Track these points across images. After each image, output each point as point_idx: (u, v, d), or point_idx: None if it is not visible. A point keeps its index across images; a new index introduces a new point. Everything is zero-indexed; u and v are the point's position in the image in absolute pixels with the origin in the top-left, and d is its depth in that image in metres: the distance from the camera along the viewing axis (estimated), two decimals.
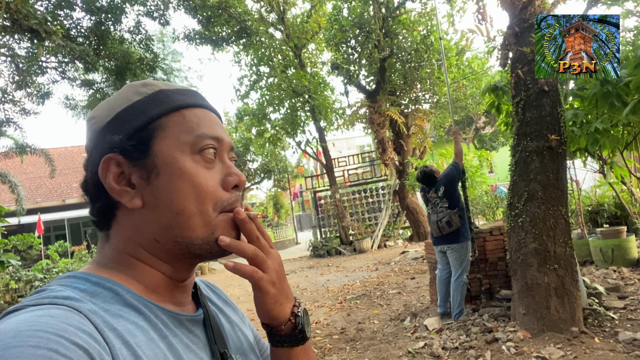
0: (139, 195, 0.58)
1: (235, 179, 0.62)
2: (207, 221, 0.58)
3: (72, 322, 0.45)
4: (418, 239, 13.90)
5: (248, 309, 7.63)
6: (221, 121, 0.67)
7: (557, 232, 3.99)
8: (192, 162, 0.59)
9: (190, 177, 0.58)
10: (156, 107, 0.60)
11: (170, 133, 0.59)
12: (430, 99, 14.66)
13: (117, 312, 0.51)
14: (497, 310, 4.53)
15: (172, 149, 0.59)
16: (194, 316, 0.62)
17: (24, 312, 0.46)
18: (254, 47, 14.47)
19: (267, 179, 25.87)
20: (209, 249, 0.59)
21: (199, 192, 0.58)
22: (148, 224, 0.58)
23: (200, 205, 0.58)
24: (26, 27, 6.90)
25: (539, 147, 4.14)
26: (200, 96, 0.66)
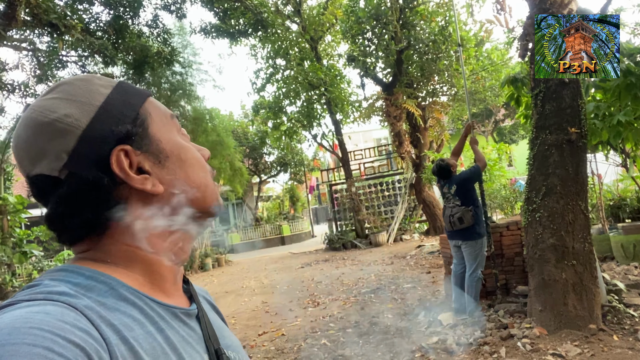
0: (157, 180, 0.59)
1: (206, 151, 0.68)
2: (214, 189, 0.65)
3: (67, 319, 0.44)
4: (434, 233, 13.79)
5: (263, 301, 7.69)
6: None
7: (575, 228, 3.90)
8: (184, 141, 0.64)
9: (192, 152, 0.64)
10: (134, 96, 0.62)
11: (155, 118, 0.62)
12: (448, 91, 14.46)
13: (113, 306, 0.51)
14: (513, 306, 4.46)
15: (164, 132, 0.62)
16: (188, 310, 0.61)
17: (18, 307, 0.45)
18: (270, 39, 14.46)
19: (284, 172, 25.96)
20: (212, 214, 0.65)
21: (202, 164, 0.65)
22: (168, 206, 0.59)
23: (207, 175, 0.65)
24: (46, 22, 7.01)
25: (558, 141, 4.05)
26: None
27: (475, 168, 4.72)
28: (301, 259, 13.92)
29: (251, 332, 5.76)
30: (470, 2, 13.04)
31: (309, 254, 14.97)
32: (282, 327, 5.74)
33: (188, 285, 0.69)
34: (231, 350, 0.66)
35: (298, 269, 11.58)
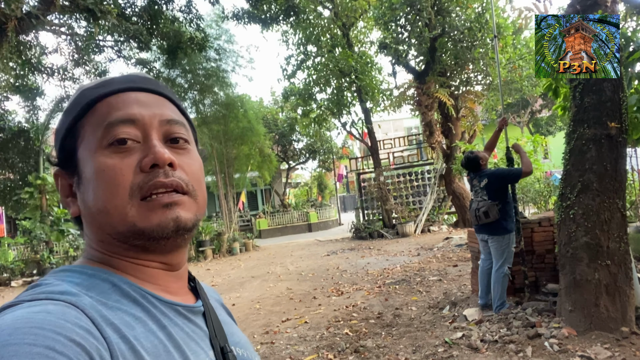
0: (76, 203, 0.59)
1: (150, 158, 0.56)
2: (123, 215, 0.55)
3: (68, 318, 0.44)
4: (463, 225, 13.56)
5: (288, 288, 7.77)
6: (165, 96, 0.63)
7: (611, 226, 3.74)
8: (103, 157, 0.56)
9: (100, 173, 0.55)
10: (73, 111, 0.59)
11: (86, 134, 0.58)
12: (483, 81, 14.05)
13: (114, 305, 0.51)
14: (542, 304, 4.34)
15: (87, 149, 0.57)
16: (192, 306, 0.61)
17: (20, 308, 0.45)
18: (301, 26, 14.37)
19: (312, 159, 26.01)
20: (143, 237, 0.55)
21: (110, 186, 0.55)
22: (88, 228, 0.59)
23: (114, 200, 0.55)
24: (83, 7, 7.16)
25: (597, 135, 3.86)
26: (127, 79, 0.62)
27: (517, 170, 4.54)
28: (327, 246, 13.97)
29: (275, 318, 5.83)
30: None
31: (335, 242, 15.01)
32: (306, 314, 5.78)
33: (194, 283, 0.68)
34: (239, 347, 0.66)
35: (324, 256, 11.62)
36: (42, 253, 13.83)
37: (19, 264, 13.69)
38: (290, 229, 22.65)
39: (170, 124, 0.60)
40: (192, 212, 0.58)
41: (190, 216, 0.57)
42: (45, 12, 7.16)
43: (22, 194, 13.65)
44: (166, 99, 0.63)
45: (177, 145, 0.60)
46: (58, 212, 14.54)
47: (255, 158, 17.34)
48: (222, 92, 15.95)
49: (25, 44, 10.38)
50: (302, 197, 28.70)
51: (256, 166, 17.92)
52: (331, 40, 15.04)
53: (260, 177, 18.76)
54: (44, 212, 14.07)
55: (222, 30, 15.50)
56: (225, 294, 7.99)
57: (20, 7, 6.41)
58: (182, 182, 0.57)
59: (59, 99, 13.85)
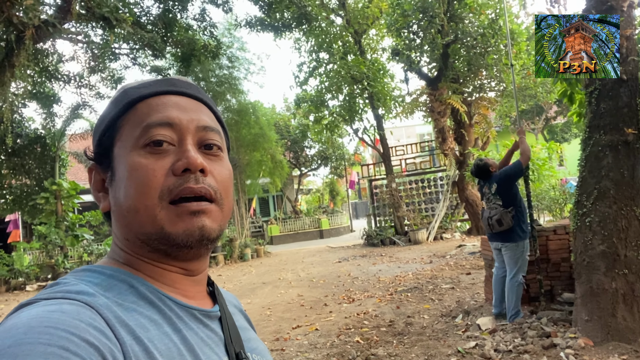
0: (107, 199, 0.60)
1: (183, 162, 0.56)
2: (153, 215, 0.55)
3: (83, 318, 0.44)
4: (476, 233, 13.41)
5: (299, 294, 7.74)
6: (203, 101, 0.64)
7: (629, 235, 3.66)
8: (138, 157, 0.56)
9: (134, 172, 0.56)
10: (114, 109, 0.61)
11: (124, 132, 0.59)
12: (497, 87, 13.94)
13: (130, 306, 0.51)
14: (558, 314, 4.25)
15: (123, 147, 0.58)
16: (209, 311, 0.60)
17: (36, 306, 0.46)
18: (314, 33, 14.43)
19: (324, 166, 26.00)
20: (167, 243, 0.56)
21: (141, 186, 0.55)
22: (116, 225, 0.60)
23: (144, 199, 0.55)
24: (99, 15, 7.28)
25: (613, 142, 3.80)
26: (169, 81, 0.63)
27: (517, 163, 4.50)
28: (339, 253, 13.92)
29: (285, 324, 5.80)
30: None
31: (346, 249, 14.95)
32: (316, 321, 5.75)
33: (213, 288, 0.68)
34: (255, 354, 0.65)
35: (335, 263, 11.58)
36: (56, 258, 13.99)
37: (34, 269, 13.87)
38: (301, 235, 22.63)
39: (206, 130, 0.61)
40: (218, 222, 0.59)
41: (215, 226, 0.58)
42: (62, 20, 7.29)
43: (38, 199, 13.85)
44: (204, 104, 0.64)
45: (211, 151, 0.61)
46: (73, 217, 14.73)
47: (267, 164, 17.39)
48: (234, 98, 16.07)
49: (43, 52, 10.58)
50: (314, 204, 28.70)
51: (268, 172, 17.96)
52: (343, 47, 15.08)
53: (272, 183, 18.79)
54: (59, 218, 14.26)
55: (235, 38, 15.65)
56: None
57: (37, 15, 6.54)
58: (211, 189, 0.58)
59: (75, 105, 14.06)
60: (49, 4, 8.42)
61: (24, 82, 11.32)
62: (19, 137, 14.05)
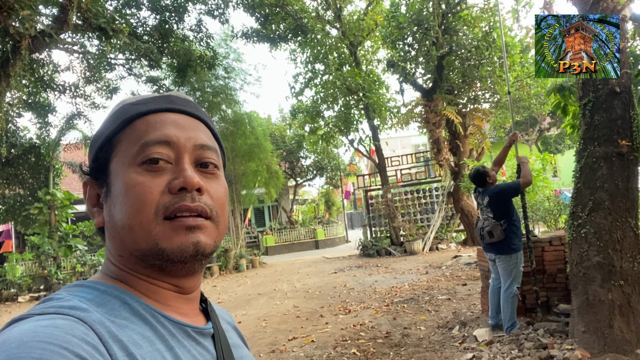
0: (101, 214, 0.60)
1: (180, 181, 0.56)
2: (147, 231, 0.55)
3: (76, 333, 0.44)
4: (472, 243, 13.42)
5: (294, 305, 7.69)
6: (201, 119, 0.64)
7: (624, 246, 3.67)
8: (134, 174, 0.57)
9: (130, 189, 0.56)
10: (112, 124, 0.61)
11: (122, 148, 0.59)
12: (491, 98, 14.06)
13: (123, 322, 0.51)
14: (554, 325, 4.24)
15: (120, 164, 0.58)
16: (202, 328, 0.60)
17: (29, 321, 0.46)
18: (309, 44, 14.53)
19: (320, 176, 26.02)
20: (161, 258, 0.56)
21: (137, 202, 0.55)
22: (110, 241, 0.59)
23: (140, 216, 0.55)
24: (95, 26, 7.31)
25: (608, 153, 3.83)
26: (167, 99, 0.63)
27: (515, 183, 4.51)
28: (334, 264, 13.87)
29: (281, 336, 5.76)
30: (517, 8, 12.64)
31: (342, 259, 14.90)
32: (312, 333, 5.71)
33: (206, 304, 0.68)
34: None
35: (331, 274, 11.53)
36: (49, 269, 13.85)
37: (26, 280, 13.72)
38: (297, 245, 22.55)
39: (203, 149, 0.61)
40: (212, 238, 0.59)
41: (210, 242, 0.58)
42: (59, 31, 7.29)
43: (32, 209, 13.75)
44: (202, 122, 0.64)
45: (207, 170, 0.61)
46: (66, 227, 14.61)
47: (262, 174, 17.38)
48: (230, 109, 16.11)
49: (38, 62, 10.58)
50: (309, 214, 28.64)
51: (263, 183, 17.95)
52: (339, 58, 15.18)
53: (267, 193, 18.76)
54: (53, 228, 14.15)
55: (231, 48, 15.72)
56: (232, 311, 7.92)
57: (34, 26, 6.55)
58: (207, 207, 0.58)
59: (70, 115, 14.03)
60: (45, 15, 8.44)
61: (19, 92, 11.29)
62: (13, 147, 13.98)
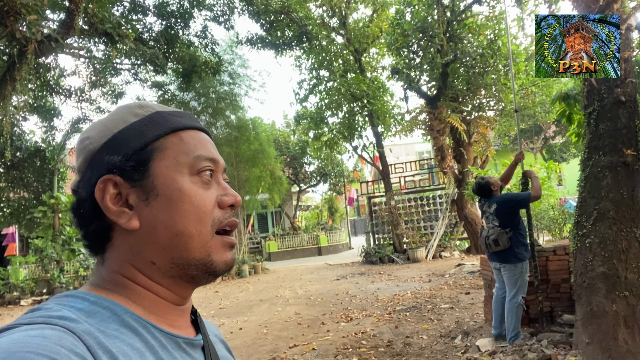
0: (136, 216, 0.57)
1: (231, 198, 0.62)
2: (205, 242, 0.58)
3: (64, 343, 0.44)
4: (475, 252, 13.34)
5: (296, 312, 7.65)
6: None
7: (629, 256, 3.63)
8: (191, 183, 0.59)
9: (190, 197, 0.58)
10: (154, 128, 0.61)
11: (168, 154, 0.60)
12: (495, 106, 14.03)
13: (113, 333, 0.50)
14: (558, 336, 4.19)
15: (170, 170, 0.59)
16: (192, 340, 0.61)
17: (17, 331, 0.45)
18: (314, 51, 14.58)
19: (323, 182, 26.00)
20: (205, 269, 0.59)
21: (198, 212, 0.58)
22: (146, 245, 0.58)
23: (199, 225, 0.58)
24: (101, 31, 7.35)
25: (613, 163, 3.80)
26: (194, 118, 0.67)
27: (526, 195, 4.47)
28: (337, 270, 13.82)
29: (282, 343, 5.72)
30: (522, 16, 12.65)
31: (345, 266, 14.84)
32: (314, 340, 5.67)
33: (196, 316, 0.68)
34: None
35: (333, 280, 11.48)
36: (52, 272, 13.87)
37: (29, 283, 13.74)
38: (300, 252, 22.49)
39: (225, 172, 0.67)
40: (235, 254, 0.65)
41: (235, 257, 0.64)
42: (65, 35, 7.34)
43: (36, 212, 13.79)
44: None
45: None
46: (70, 231, 14.63)
47: (266, 180, 17.38)
48: (234, 115, 16.15)
49: (45, 66, 10.66)
50: (313, 220, 28.60)
51: (267, 188, 17.95)
52: (343, 65, 15.21)
53: (271, 199, 18.75)
54: (56, 231, 14.18)
55: (236, 55, 15.79)
56: (233, 317, 7.89)
57: (40, 30, 6.60)
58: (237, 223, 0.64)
59: (75, 119, 14.11)
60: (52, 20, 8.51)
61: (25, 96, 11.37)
62: (18, 150, 14.06)
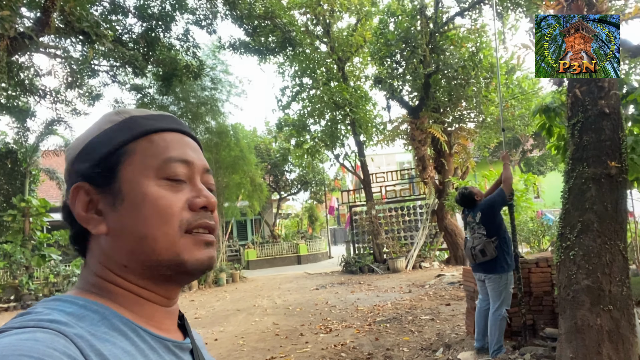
0: (104, 222, 0.59)
1: (203, 200, 0.61)
2: (172, 243, 0.57)
3: (57, 346, 0.44)
4: (455, 262, 13.37)
5: (274, 323, 7.46)
6: (199, 145, 0.68)
7: (613, 270, 3.59)
8: (157, 187, 0.59)
9: (153, 201, 0.58)
10: (124, 133, 0.61)
11: (136, 159, 0.60)
12: (476, 118, 14.17)
13: (103, 336, 0.50)
14: (541, 350, 4.13)
15: (137, 174, 0.59)
16: (181, 343, 0.61)
17: (8, 335, 0.45)
18: (297, 58, 14.51)
19: (304, 191, 25.86)
20: (177, 270, 0.58)
21: (162, 214, 0.57)
22: (115, 250, 0.58)
23: (164, 227, 0.57)
24: (78, 29, 7.11)
25: (597, 174, 3.77)
26: (174, 120, 0.66)
27: (500, 191, 4.44)
28: (316, 280, 13.65)
29: (259, 355, 5.53)
30: (502, 30, 12.84)
31: (324, 276, 14.68)
32: (292, 353, 5.50)
33: (183, 321, 0.68)
34: None
35: (312, 290, 11.31)
36: (21, 278, 13.33)
37: None
38: (279, 260, 22.23)
39: (208, 173, 0.66)
40: (215, 254, 0.63)
41: (216, 257, 0.61)
42: (40, 33, 7.09)
43: (5, 216, 13.27)
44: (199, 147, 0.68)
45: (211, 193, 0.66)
46: (41, 236, 14.11)
47: (246, 187, 17.13)
48: (214, 120, 15.91)
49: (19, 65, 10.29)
50: (293, 229, 28.38)
51: (247, 195, 17.69)
52: (327, 73, 15.18)
53: (251, 206, 18.49)
54: (26, 236, 13.66)
55: (218, 60, 15.60)
56: (209, 327, 7.65)
57: (14, 27, 6.34)
58: (215, 226, 0.63)
59: (50, 121, 13.68)
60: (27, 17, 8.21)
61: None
62: None
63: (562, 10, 4.21)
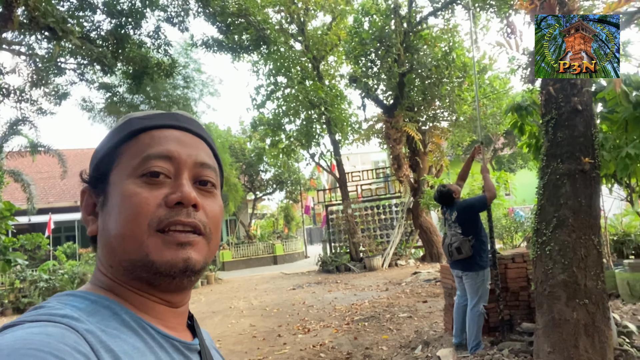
0: (95, 223, 0.60)
1: (177, 195, 0.58)
2: (140, 242, 0.55)
3: (68, 341, 0.44)
4: (431, 260, 13.50)
5: (251, 324, 7.35)
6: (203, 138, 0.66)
7: (588, 264, 3.65)
8: (132, 185, 0.57)
9: (127, 199, 0.57)
10: (117, 136, 0.61)
11: (123, 159, 0.60)
12: (449, 117, 14.36)
13: (114, 332, 0.51)
14: (518, 345, 4.17)
15: (121, 174, 0.59)
16: (190, 344, 0.61)
17: (20, 328, 0.45)
18: (272, 57, 14.38)
19: (279, 190, 25.69)
20: (149, 270, 0.56)
21: (132, 212, 0.56)
22: (101, 250, 0.60)
23: (132, 226, 0.56)
24: (43, 25, 6.83)
25: (571, 170, 3.83)
26: (174, 117, 0.64)
27: (482, 198, 4.48)
28: (293, 280, 13.56)
29: (236, 358, 5.42)
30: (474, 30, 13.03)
31: (301, 275, 14.61)
32: (269, 355, 5.41)
33: (192, 321, 0.68)
34: None
35: (289, 290, 11.22)
36: None
37: None
38: (255, 261, 22.02)
39: (202, 167, 0.63)
40: (203, 255, 0.59)
41: (200, 259, 0.59)
42: (2, 29, 6.78)
43: None
44: (204, 142, 0.66)
45: (205, 187, 0.63)
46: (6, 240, 13.52)
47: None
48: None
49: None
50: (268, 229, 28.16)
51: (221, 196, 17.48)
52: (301, 72, 15.09)
53: (225, 207, 18.26)
54: None
55: (191, 58, 15.33)
56: None
57: None
58: (200, 224, 0.59)
59: (14, 121, 13.15)
60: None
61: None
62: None
63: (536, 10, 4.28)
